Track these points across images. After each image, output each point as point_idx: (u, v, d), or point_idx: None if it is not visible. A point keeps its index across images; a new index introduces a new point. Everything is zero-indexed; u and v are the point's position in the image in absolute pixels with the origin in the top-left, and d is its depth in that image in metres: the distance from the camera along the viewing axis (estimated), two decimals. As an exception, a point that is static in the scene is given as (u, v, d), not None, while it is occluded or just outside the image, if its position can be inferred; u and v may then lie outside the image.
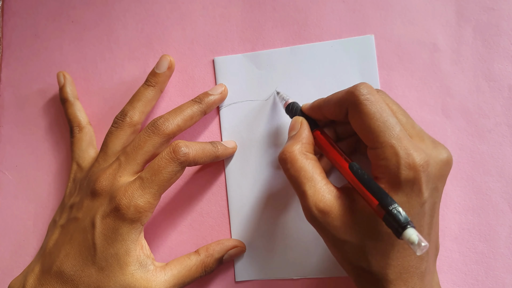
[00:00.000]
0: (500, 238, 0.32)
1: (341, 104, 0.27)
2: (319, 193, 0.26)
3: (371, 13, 0.34)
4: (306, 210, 0.26)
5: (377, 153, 0.25)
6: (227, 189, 0.35)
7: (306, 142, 0.28)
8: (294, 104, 0.32)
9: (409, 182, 0.24)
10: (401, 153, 0.24)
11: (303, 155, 0.27)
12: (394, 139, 0.24)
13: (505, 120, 0.32)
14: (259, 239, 0.34)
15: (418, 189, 0.24)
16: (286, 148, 0.28)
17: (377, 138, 0.25)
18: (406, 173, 0.24)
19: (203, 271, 0.31)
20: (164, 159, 0.28)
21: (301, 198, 0.27)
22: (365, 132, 0.26)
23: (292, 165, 0.27)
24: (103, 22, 0.38)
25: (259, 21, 0.36)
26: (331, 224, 0.25)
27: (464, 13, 0.34)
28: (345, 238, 0.25)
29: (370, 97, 0.25)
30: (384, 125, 0.25)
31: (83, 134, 0.35)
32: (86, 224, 0.28)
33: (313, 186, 0.26)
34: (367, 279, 0.26)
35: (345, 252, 0.26)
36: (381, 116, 0.25)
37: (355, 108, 0.26)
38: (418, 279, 0.25)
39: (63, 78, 0.37)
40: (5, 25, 0.40)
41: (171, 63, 0.35)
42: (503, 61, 0.33)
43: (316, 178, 0.26)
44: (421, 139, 0.26)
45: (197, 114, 0.32)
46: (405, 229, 0.22)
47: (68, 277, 0.28)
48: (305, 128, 0.29)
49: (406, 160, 0.24)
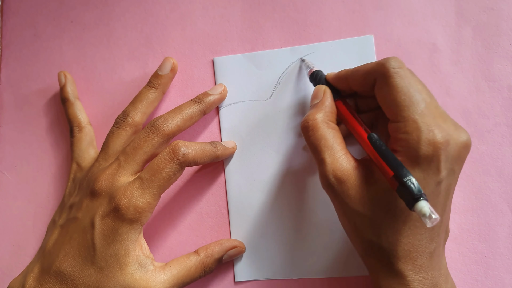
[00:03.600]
0: (499, 238, 0.32)
1: (370, 74, 0.27)
2: (338, 161, 0.26)
3: (371, 13, 0.34)
4: (323, 177, 0.27)
5: (399, 126, 0.25)
6: (226, 189, 0.35)
7: (328, 111, 0.29)
8: (319, 72, 0.32)
9: (428, 158, 0.24)
10: (423, 128, 0.24)
11: (325, 124, 0.28)
12: (418, 115, 0.25)
13: (504, 120, 0.32)
14: (258, 239, 0.34)
15: (436, 166, 0.24)
16: (308, 116, 0.28)
17: (400, 112, 0.25)
18: (426, 149, 0.24)
19: (203, 271, 0.31)
20: (164, 159, 0.28)
21: (320, 165, 0.27)
22: (389, 105, 0.26)
23: (314, 133, 0.27)
24: (103, 22, 0.38)
25: (259, 21, 0.36)
26: (346, 193, 0.26)
27: (463, 13, 0.34)
28: (358, 209, 0.26)
29: (400, 71, 0.26)
30: (410, 100, 0.25)
31: (83, 134, 0.35)
32: (86, 224, 0.28)
33: (332, 154, 0.27)
34: (375, 254, 0.26)
35: (356, 224, 0.26)
36: (408, 91, 0.25)
37: (383, 80, 0.26)
38: (426, 259, 0.25)
39: (64, 77, 0.37)
40: (4, 25, 0.40)
41: (174, 65, 0.35)
42: (502, 61, 0.33)
43: (336, 147, 0.27)
44: (443, 120, 0.26)
45: (197, 114, 0.32)
46: (417, 201, 0.22)
47: (68, 277, 0.28)
48: (328, 96, 0.29)
49: (427, 136, 0.24)
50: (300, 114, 0.34)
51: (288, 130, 0.34)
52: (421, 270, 0.25)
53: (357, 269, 0.32)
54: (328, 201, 0.33)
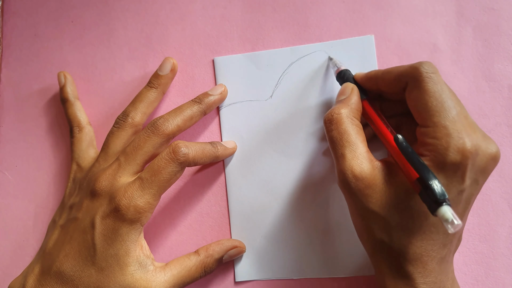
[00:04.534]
0: (500, 238, 0.32)
1: (402, 77, 0.27)
2: (358, 158, 0.26)
3: (371, 13, 0.34)
4: (341, 173, 0.26)
5: (428, 131, 0.25)
6: (227, 189, 0.35)
7: (354, 107, 0.28)
8: (347, 71, 0.31)
9: (454, 165, 0.24)
10: (454, 135, 0.24)
11: (350, 119, 0.27)
12: (449, 121, 0.24)
13: (505, 120, 0.32)
14: (259, 239, 0.34)
15: (461, 175, 0.24)
16: (334, 109, 0.28)
17: (431, 117, 0.25)
18: (454, 156, 0.24)
19: (203, 271, 0.31)
20: (164, 160, 0.28)
21: (339, 160, 0.26)
22: (420, 109, 0.25)
23: (337, 127, 0.27)
24: (103, 22, 0.38)
25: (259, 21, 0.36)
26: (363, 192, 0.25)
27: (464, 13, 0.33)
28: (374, 209, 0.25)
29: (433, 75, 0.25)
30: (442, 105, 0.25)
31: (83, 134, 0.35)
32: (86, 225, 0.28)
33: (353, 150, 0.26)
34: (385, 254, 0.26)
35: (369, 223, 0.26)
36: (440, 96, 0.25)
37: (416, 83, 0.26)
38: (437, 264, 0.25)
39: (63, 78, 0.37)
40: (5, 25, 0.40)
41: (174, 65, 0.35)
42: (503, 61, 0.33)
43: (358, 144, 0.26)
44: (473, 130, 0.25)
45: (197, 114, 0.32)
46: (440, 206, 0.22)
47: (68, 278, 0.28)
48: (355, 94, 0.29)
49: (456, 143, 0.24)
50: (300, 114, 0.34)
51: (288, 130, 0.34)
52: (431, 274, 0.25)
53: (358, 269, 0.32)
54: (328, 201, 0.33)
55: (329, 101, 0.34)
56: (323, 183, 0.33)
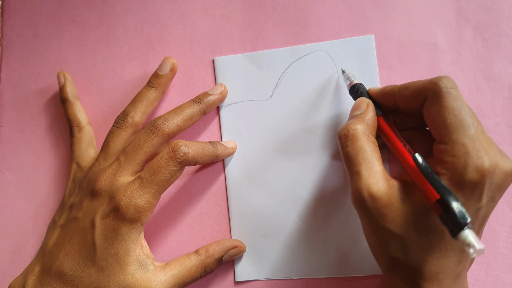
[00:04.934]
0: (500, 238, 0.32)
1: (421, 92, 0.26)
2: (374, 177, 0.25)
3: (371, 13, 0.34)
4: (356, 191, 0.26)
5: (446, 149, 0.25)
6: (227, 189, 0.35)
7: (370, 124, 0.28)
8: (361, 85, 0.31)
9: (473, 184, 0.24)
10: (472, 153, 0.24)
11: (366, 136, 0.27)
12: (468, 139, 0.24)
13: (505, 120, 0.32)
14: (259, 239, 0.34)
15: (479, 193, 0.24)
16: (349, 125, 0.27)
17: (450, 134, 0.24)
18: (473, 175, 0.23)
19: (203, 271, 0.31)
20: (164, 159, 0.28)
21: (354, 178, 0.26)
22: (439, 126, 0.25)
23: (353, 143, 0.27)
24: (103, 22, 0.38)
25: (259, 21, 0.36)
26: (379, 211, 0.25)
27: (464, 13, 0.34)
28: (390, 228, 0.25)
29: (452, 91, 0.25)
30: (461, 122, 0.24)
31: (82, 134, 0.35)
32: (86, 224, 0.28)
33: (369, 168, 0.26)
34: (400, 271, 0.26)
35: (385, 241, 0.26)
36: (459, 113, 0.24)
37: (435, 99, 0.25)
38: (452, 281, 0.25)
39: (63, 78, 0.37)
40: (4, 24, 0.40)
41: (174, 65, 0.35)
42: (503, 61, 0.33)
43: (374, 162, 0.26)
44: (490, 146, 0.25)
45: (197, 114, 0.32)
46: (462, 229, 0.21)
47: (68, 277, 0.28)
48: (371, 110, 0.29)
49: (475, 162, 0.23)
50: (300, 114, 0.34)
51: (288, 130, 0.34)
52: None
53: (358, 269, 0.32)
54: (328, 201, 0.33)
55: (329, 100, 0.34)
56: (323, 183, 0.33)
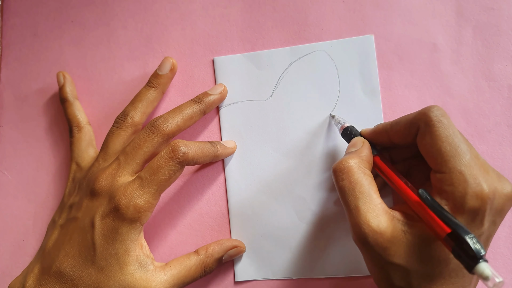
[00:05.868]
0: (499, 238, 0.32)
1: (413, 124, 0.26)
2: (374, 211, 0.25)
3: (371, 13, 0.34)
4: (356, 226, 0.25)
5: (444, 178, 0.24)
6: (226, 189, 0.35)
7: (365, 159, 0.28)
8: (353, 128, 0.31)
9: (473, 211, 0.23)
10: (470, 181, 0.24)
11: (361, 169, 0.27)
12: (464, 166, 0.24)
13: (504, 120, 0.32)
14: (258, 239, 0.34)
15: (480, 219, 0.24)
16: (344, 159, 0.27)
17: (446, 163, 0.24)
18: (473, 202, 0.23)
19: (203, 271, 0.31)
20: (163, 159, 0.28)
21: (352, 213, 0.25)
22: (433, 155, 0.25)
23: (348, 177, 0.26)
24: (103, 22, 0.38)
25: (259, 21, 0.36)
26: (381, 245, 0.24)
27: (464, 13, 0.33)
28: (393, 260, 0.25)
29: (443, 119, 0.25)
30: (455, 150, 0.24)
31: (82, 134, 0.35)
32: (86, 224, 0.28)
33: (368, 202, 0.25)
34: None
35: (388, 273, 0.25)
36: (453, 141, 0.24)
37: (427, 129, 0.25)
38: None
39: (62, 78, 0.37)
40: (4, 24, 0.40)
41: (174, 65, 0.35)
42: (503, 61, 0.33)
43: (372, 195, 0.26)
44: (486, 171, 0.25)
45: (197, 114, 0.32)
46: (478, 263, 0.21)
47: (68, 277, 0.28)
48: (366, 147, 0.28)
49: (474, 190, 0.23)
50: (300, 114, 0.34)
51: (288, 130, 0.34)
52: None
53: (357, 269, 0.32)
54: (328, 201, 0.33)
55: (329, 100, 0.34)
56: (322, 183, 0.33)
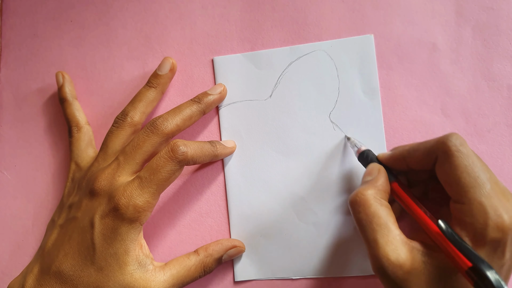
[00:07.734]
0: None
1: (431, 152, 0.26)
2: (392, 243, 0.25)
3: (371, 13, 0.34)
4: (376, 259, 0.25)
5: (463, 208, 0.24)
6: (226, 188, 0.35)
7: (382, 189, 0.27)
8: (370, 152, 0.30)
9: (495, 243, 0.23)
10: (491, 213, 0.23)
11: (377, 201, 0.26)
12: (484, 197, 0.24)
13: (504, 119, 0.32)
14: (258, 239, 0.34)
15: (502, 251, 0.24)
16: (359, 191, 0.27)
17: (465, 193, 0.24)
18: (494, 234, 0.23)
19: (202, 271, 0.31)
20: (163, 158, 0.28)
21: (371, 246, 0.25)
22: (453, 185, 0.25)
23: (365, 209, 0.26)
24: (102, 21, 0.38)
25: (259, 21, 0.36)
26: (401, 278, 0.24)
27: (463, 13, 0.34)
28: None
29: (462, 148, 0.25)
30: (475, 181, 0.24)
31: (81, 134, 0.35)
32: (85, 224, 0.28)
33: (386, 235, 0.25)
34: None
35: None
36: (472, 171, 0.24)
37: (446, 159, 0.25)
38: None
39: (61, 77, 0.37)
40: (4, 24, 0.40)
41: (173, 65, 0.35)
42: (502, 61, 0.33)
43: (390, 227, 0.25)
44: (507, 199, 0.24)
45: (196, 114, 0.32)
46: None
47: (67, 277, 0.28)
48: (382, 175, 0.28)
49: (495, 221, 0.23)
50: (300, 113, 0.34)
51: (288, 129, 0.34)
52: None
53: (357, 269, 0.32)
54: (328, 201, 0.33)
55: (329, 100, 0.34)
56: (322, 183, 0.33)
